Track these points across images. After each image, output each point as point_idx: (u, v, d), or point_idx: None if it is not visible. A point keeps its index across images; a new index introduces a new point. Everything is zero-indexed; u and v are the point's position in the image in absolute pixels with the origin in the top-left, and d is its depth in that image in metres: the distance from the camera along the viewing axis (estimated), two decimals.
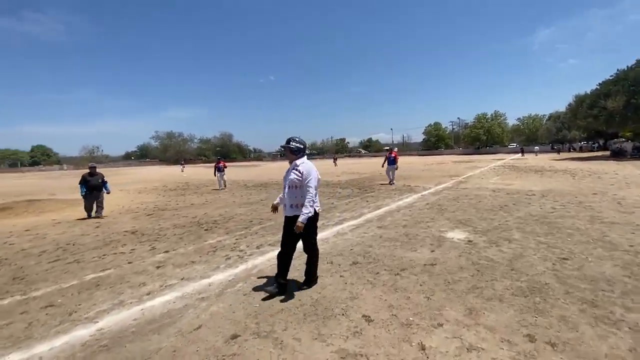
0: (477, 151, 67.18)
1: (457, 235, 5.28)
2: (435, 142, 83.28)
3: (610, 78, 31.57)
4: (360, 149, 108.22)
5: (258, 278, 3.79)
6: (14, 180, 32.82)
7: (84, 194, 8.39)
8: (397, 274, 3.73)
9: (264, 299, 3.21)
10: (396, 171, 14.01)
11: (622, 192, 9.19)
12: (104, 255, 4.99)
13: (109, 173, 47.32)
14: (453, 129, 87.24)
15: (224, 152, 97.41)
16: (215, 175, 15.27)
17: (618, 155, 31.43)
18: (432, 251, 4.49)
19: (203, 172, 33.38)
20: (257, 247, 5.06)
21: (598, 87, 33.14)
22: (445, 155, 60.11)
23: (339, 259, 4.37)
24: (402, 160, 42.81)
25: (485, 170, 19.61)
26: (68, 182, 23.44)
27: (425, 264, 3.99)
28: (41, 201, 11.52)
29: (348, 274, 3.79)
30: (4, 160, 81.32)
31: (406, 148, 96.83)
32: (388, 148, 15.19)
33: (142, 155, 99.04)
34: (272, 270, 3.81)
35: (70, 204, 11.01)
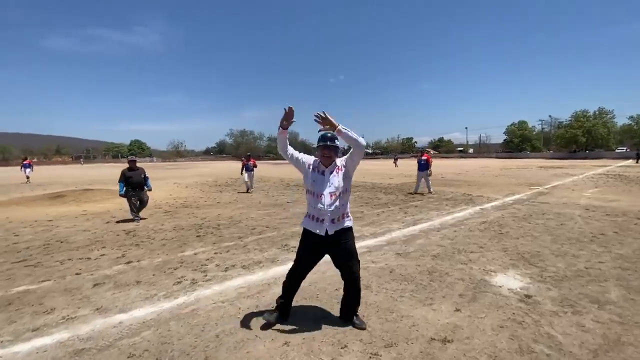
0: (573, 155, 56.58)
1: (510, 282, 3.47)
2: (519, 143, 72.88)
3: None
4: (429, 149, 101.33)
5: (179, 322, 2.71)
6: (106, 169, 38.00)
7: (122, 192, 7.01)
8: (375, 354, 2.27)
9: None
10: (430, 178, 11.38)
11: None
12: (67, 259, 4.49)
13: (187, 166, 52.12)
14: (542, 128, 75.50)
15: None
16: (242, 174, 12.63)
17: None
18: (457, 310, 2.86)
19: (264, 169, 34.35)
20: (225, 270, 4.00)
21: None
22: (531, 159, 51.88)
23: (305, 306, 3.05)
24: (474, 164, 37.99)
25: (580, 180, 15.64)
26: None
27: (433, 338, 2.43)
28: (94, 191, 12.37)
29: (295, 343, 2.46)
30: (109, 152, 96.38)
31: (484, 149, 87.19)
32: (420, 149, 13.33)
33: (220, 151, 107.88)
34: (215, 311, 2.70)
35: (116, 194, 11.56)
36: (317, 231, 2.49)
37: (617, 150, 56.61)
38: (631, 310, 2.79)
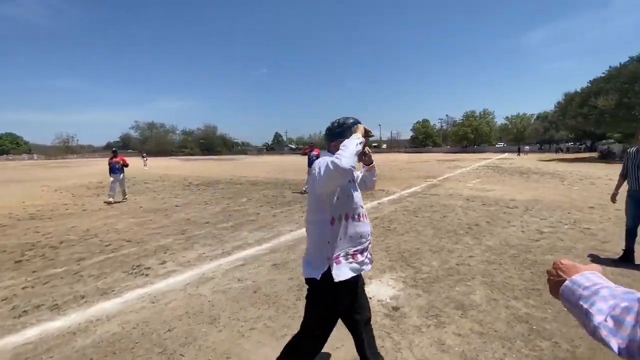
0: (465, 150, 65.78)
1: (382, 290, 3.16)
2: (423, 139, 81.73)
3: (602, 75, 30.06)
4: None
5: None
6: None
7: None
8: None
9: None
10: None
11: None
12: None
13: (77, 164, 43.87)
14: (441, 126, 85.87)
15: (207, 145, 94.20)
16: (110, 177, 9.26)
17: (606, 157, 30.14)
18: None
19: (169, 165, 30.91)
20: (18, 316, 2.83)
21: (589, 84, 31.65)
22: (432, 154, 58.46)
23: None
24: (386, 158, 40.90)
25: (467, 171, 17.71)
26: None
27: None
28: None
29: None
30: None
31: (395, 145, 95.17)
32: (310, 143, 11.03)
33: (125, 146, 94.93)
34: None
35: None
36: (363, 271, 1.67)
37: (497, 146, 67.73)
38: (492, 315, 2.66)
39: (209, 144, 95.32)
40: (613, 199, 4.25)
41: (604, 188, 10.01)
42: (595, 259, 3.96)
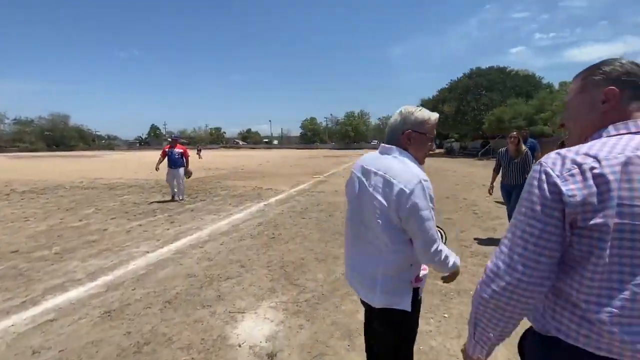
0: (348, 146, 72.03)
1: (257, 329, 2.49)
2: (312, 136, 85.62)
3: (446, 87, 37.17)
4: (238, 140, 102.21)
5: None
6: None
7: None
8: None
9: None
10: (225, 172, 10.73)
11: (470, 194, 8.69)
12: None
13: None
14: (327, 124, 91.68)
15: (56, 138, 74.86)
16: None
17: (450, 153, 37.81)
18: None
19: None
20: None
21: (437, 93, 38.68)
22: (320, 150, 61.75)
23: None
24: (277, 154, 40.73)
25: (349, 166, 18.90)
26: None
27: None
28: None
29: None
30: None
31: (286, 141, 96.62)
32: (173, 136, 8.50)
33: None
34: None
35: None
36: None
37: (372, 143, 76.60)
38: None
39: (59, 137, 76.01)
40: (490, 191, 4.80)
41: (452, 180, 11.99)
42: (458, 249, 4.28)
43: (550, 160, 0.75)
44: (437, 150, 45.74)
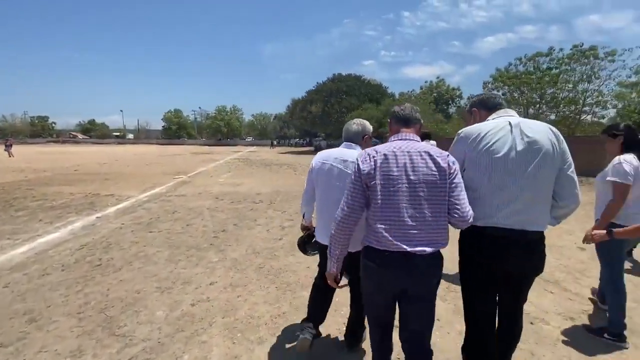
0: (220, 142, 68.01)
1: None
2: (177, 130, 76.78)
3: (313, 88, 39.61)
4: (75, 133, 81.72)
5: None
6: None
7: None
8: None
9: None
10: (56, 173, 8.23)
11: None
12: None
13: None
14: (196, 118, 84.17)
15: None
16: None
17: (318, 150, 40.68)
18: None
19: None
20: None
21: (306, 94, 40.82)
22: (188, 146, 55.94)
23: None
24: (131, 150, 34.27)
25: (220, 165, 17.59)
26: None
27: None
28: None
29: None
30: None
31: (144, 135, 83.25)
32: None
33: None
34: None
35: None
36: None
37: (247, 140, 74.93)
38: None
39: None
40: None
41: None
42: None
43: (362, 153, 1.48)
44: (307, 148, 48.52)
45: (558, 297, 3.05)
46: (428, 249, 1.35)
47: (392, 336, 1.65)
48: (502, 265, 1.54)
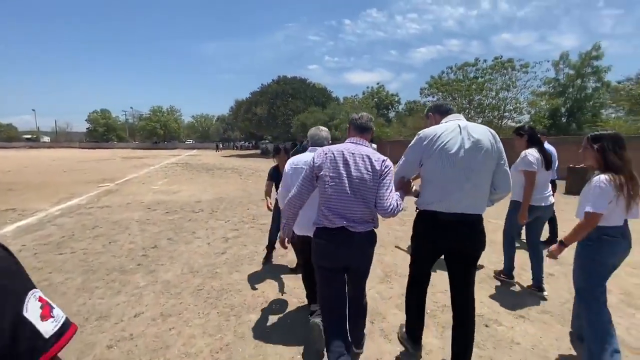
0: (155, 146, 62.68)
1: None
2: (105, 132, 68.92)
3: (258, 90, 38.64)
4: None
5: None
6: None
7: None
8: None
9: None
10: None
11: None
12: None
13: None
14: (127, 119, 76.60)
15: None
16: None
17: (265, 153, 39.66)
18: None
19: None
20: None
21: (250, 95, 39.64)
22: (118, 150, 50.40)
23: None
24: (46, 155, 29.53)
25: (155, 170, 16.01)
26: None
27: None
28: None
29: None
30: None
31: (64, 138, 73.18)
32: None
33: None
34: None
35: None
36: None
37: (186, 142, 70.37)
38: None
39: None
40: None
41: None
42: (272, 265, 3.86)
43: (319, 150, 1.85)
44: (253, 151, 47.22)
45: (505, 294, 3.13)
46: (361, 228, 1.77)
47: (345, 304, 1.95)
48: (449, 242, 1.89)
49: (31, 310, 0.50)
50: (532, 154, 2.94)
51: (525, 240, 3.43)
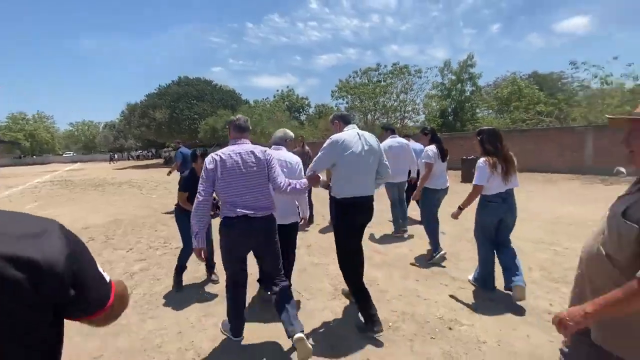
0: (19, 162, 50.20)
1: None
2: None
3: (156, 92, 34.47)
4: None
5: None
6: None
7: None
8: None
9: None
10: None
11: None
12: None
13: None
14: None
15: None
16: None
17: (168, 163, 35.57)
18: None
19: None
20: None
21: (146, 98, 35.12)
22: None
23: None
24: None
25: (20, 192, 12.51)
26: None
27: None
28: None
29: None
30: None
31: None
32: None
33: None
34: None
35: None
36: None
37: (65, 155, 58.50)
38: None
39: None
40: None
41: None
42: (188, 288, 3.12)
43: (209, 157, 2.16)
44: (154, 161, 42.16)
45: (453, 289, 3.12)
46: (260, 213, 2.14)
47: (245, 285, 2.35)
48: (362, 217, 2.52)
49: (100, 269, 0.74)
50: (432, 149, 3.81)
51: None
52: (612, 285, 0.99)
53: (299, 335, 1.98)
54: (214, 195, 2.25)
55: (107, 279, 0.73)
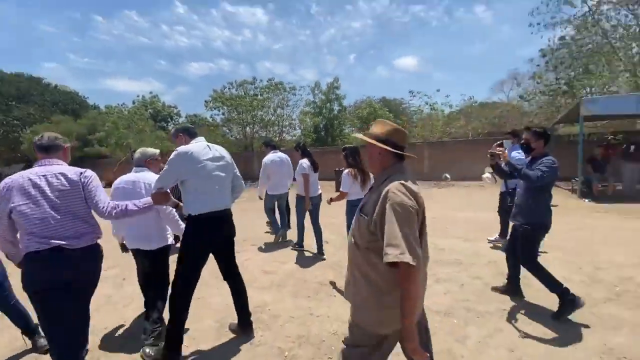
0: None
1: None
2: None
3: None
4: None
5: None
6: None
7: None
8: None
9: None
10: None
11: None
12: None
13: None
14: None
15: None
16: None
17: None
18: None
19: None
20: None
21: None
22: None
23: None
24: None
25: None
26: None
27: None
28: None
29: None
30: None
31: None
32: None
33: None
34: None
35: None
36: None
37: None
38: None
39: None
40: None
41: None
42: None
43: None
44: None
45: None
46: (77, 242, 1.71)
47: None
48: (221, 232, 2.37)
49: None
50: (305, 162, 4.41)
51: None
52: (364, 265, 1.32)
53: None
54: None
55: None
